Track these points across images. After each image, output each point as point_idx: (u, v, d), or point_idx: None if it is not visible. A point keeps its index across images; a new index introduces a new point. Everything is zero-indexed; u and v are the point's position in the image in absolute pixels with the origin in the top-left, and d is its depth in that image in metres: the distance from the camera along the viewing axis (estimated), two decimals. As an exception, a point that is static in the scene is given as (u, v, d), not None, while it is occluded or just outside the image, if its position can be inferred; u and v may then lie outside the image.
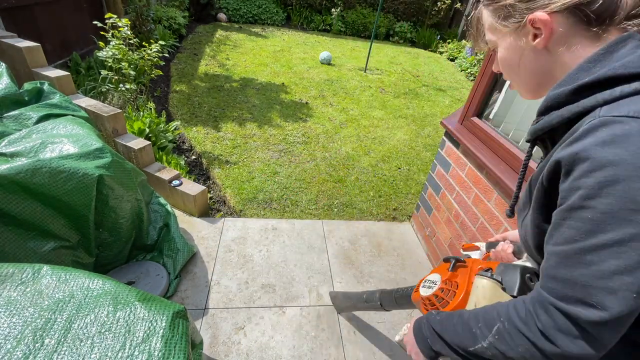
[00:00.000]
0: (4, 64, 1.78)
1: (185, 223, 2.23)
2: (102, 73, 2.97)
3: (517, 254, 0.92)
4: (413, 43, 8.50)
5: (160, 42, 3.14)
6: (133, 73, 2.94)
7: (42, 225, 1.39)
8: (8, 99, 1.67)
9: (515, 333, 0.55)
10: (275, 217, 2.46)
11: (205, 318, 1.70)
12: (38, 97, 1.80)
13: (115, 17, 2.79)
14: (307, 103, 4.32)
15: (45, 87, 1.83)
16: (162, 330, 0.92)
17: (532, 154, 0.71)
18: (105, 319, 0.91)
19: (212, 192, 2.60)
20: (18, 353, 0.81)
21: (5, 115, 1.61)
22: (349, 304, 1.65)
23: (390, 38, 8.49)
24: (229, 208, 2.48)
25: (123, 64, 2.83)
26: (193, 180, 2.48)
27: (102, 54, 2.81)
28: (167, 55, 4.42)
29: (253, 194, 2.63)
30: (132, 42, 2.94)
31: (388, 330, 1.78)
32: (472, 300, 0.74)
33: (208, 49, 5.58)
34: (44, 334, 0.85)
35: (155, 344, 0.89)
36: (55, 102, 1.79)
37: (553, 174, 0.54)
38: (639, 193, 0.43)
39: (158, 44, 3.04)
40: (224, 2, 7.57)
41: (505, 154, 1.58)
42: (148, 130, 2.73)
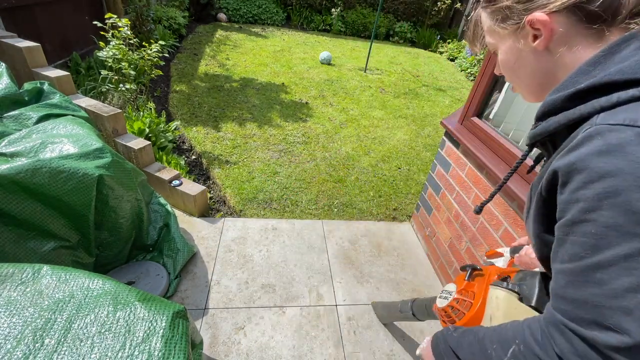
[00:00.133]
0: (4, 64, 1.78)
1: (185, 223, 2.23)
2: (102, 73, 2.97)
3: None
4: (413, 43, 8.50)
5: (160, 42, 3.14)
6: (133, 73, 2.94)
7: (42, 225, 1.39)
8: (8, 99, 1.67)
9: (532, 357, 0.51)
10: (275, 217, 2.46)
11: (205, 318, 1.70)
12: (38, 97, 1.80)
13: (115, 17, 2.79)
14: (307, 103, 4.32)
15: (45, 87, 1.83)
16: (162, 330, 0.92)
17: (526, 157, 0.71)
18: (105, 319, 0.91)
19: (212, 192, 2.60)
20: (18, 353, 0.81)
21: (5, 115, 1.61)
22: (388, 314, 1.67)
23: (390, 38, 8.49)
24: (229, 208, 2.48)
25: (123, 64, 2.83)
26: (193, 180, 2.48)
27: (102, 54, 2.81)
28: (167, 55, 4.42)
29: (253, 194, 2.63)
30: (132, 42, 2.94)
31: (388, 330, 1.78)
32: (487, 313, 0.70)
33: (208, 49, 5.58)
34: (44, 334, 0.85)
35: (155, 344, 0.89)
36: (55, 102, 1.79)
37: (551, 184, 0.52)
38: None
39: (158, 44, 3.04)
40: (224, 2, 7.57)
41: (505, 154, 1.58)
42: (148, 130, 2.73)
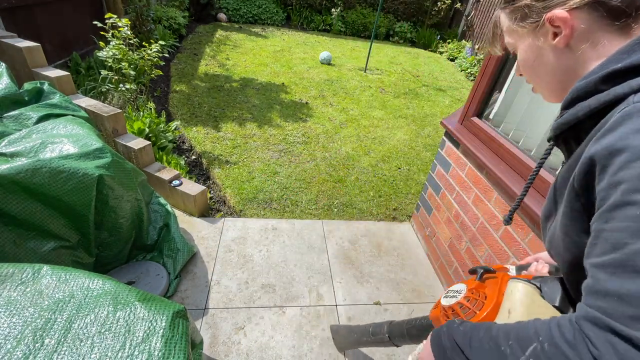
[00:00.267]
0: (4, 64, 1.78)
1: (185, 223, 2.23)
2: (102, 73, 2.97)
3: (553, 275, 0.79)
4: (413, 43, 8.50)
5: (160, 42, 3.13)
6: (133, 73, 2.94)
7: (42, 225, 1.39)
8: (8, 99, 1.67)
9: (558, 357, 0.43)
10: (275, 217, 2.46)
11: (205, 318, 1.70)
12: (38, 97, 1.80)
13: (115, 17, 2.79)
14: (307, 103, 4.32)
15: (45, 87, 1.83)
16: (162, 330, 0.92)
17: (550, 153, 0.64)
18: (105, 319, 0.91)
19: (212, 192, 2.60)
20: (18, 353, 0.81)
21: (5, 115, 1.61)
22: (352, 339, 1.47)
23: (390, 38, 8.49)
24: (229, 208, 2.48)
25: (123, 64, 2.83)
26: (193, 180, 2.49)
27: (102, 54, 2.81)
28: (167, 55, 4.42)
29: (253, 194, 2.63)
30: (132, 42, 2.94)
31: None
32: (505, 307, 0.64)
33: (208, 49, 5.58)
34: (44, 334, 0.85)
35: (155, 344, 0.89)
36: (55, 102, 1.79)
37: (586, 174, 0.47)
38: None
39: (158, 44, 3.04)
40: (224, 2, 7.57)
41: (505, 154, 1.58)
42: (148, 130, 2.73)
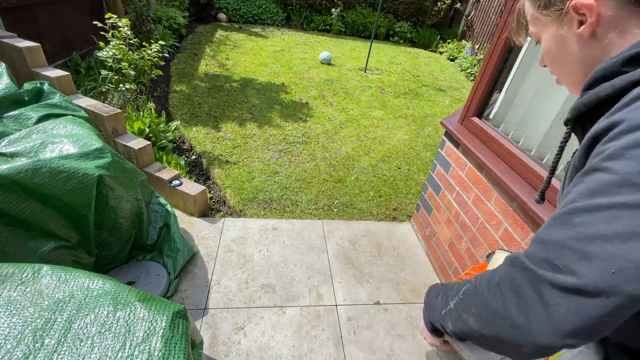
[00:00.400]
0: (4, 64, 1.78)
1: (185, 223, 2.23)
2: (102, 73, 2.97)
3: None
4: (413, 43, 8.50)
5: (160, 42, 3.13)
6: (133, 73, 2.94)
7: (42, 225, 1.39)
8: (8, 99, 1.67)
9: (475, 292, 0.51)
10: (275, 217, 2.46)
11: (205, 318, 1.70)
12: (38, 97, 1.80)
13: (115, 17, 2.79)
14: (307, 103, 4.32)
15: (45, 87, 1.83)
16: (162, 330, 0.92)
17: (569, 137, 0.62)
18: (105, 319, 0.91)
19: (212, 192, 2.60)
20: (18, 353, 0.81)
21: (5, 115, 1.61)
22: None
23: (390, 38, 8.49)
24: (229, 208, 2.48)
25: (123, 64, 2.83)
26: (193, 180, 2.48)
27: (102, 54, 2.81)
28: (167, 55, 4.42)
29: (253, 194, 2.63)
30: (132, 42, 2.94)
31: (388, 330, 1.78)
32: None
33: (208, 49, 5.58)
34: (44, 334, 0.85)
35: (155, 344, 0.89)
36: (55, 102, 1.79)
37: (586, 150, 0.47)
38: None
39: (158, 44, 3.04)
40: (224, 2, 7.57)
41: (505, 154, 1.58)
42: (148, 130, 2.73)
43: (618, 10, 0.48)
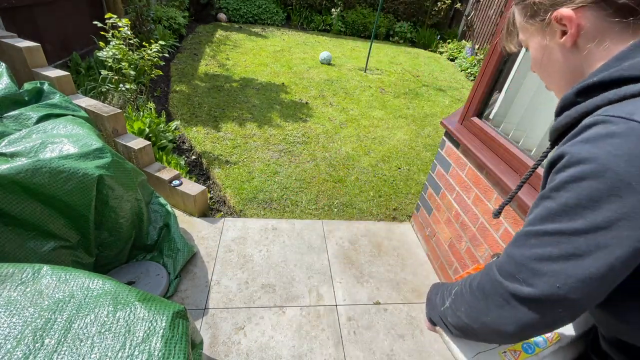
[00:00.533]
0: (4, 64, 1.78)
1: (185, 223, 2.23)
2: (102, 73, 2.97)
3: None
4: (413, 43, 8.50)
5: (160, 42, 3.13)
6: (133, 73, 2.94)
7: (42, 225, 1.39)
8: (8, 99, 1.67)
9: (462, 295, 0.61)
10: (275, 217, 2.46)
11: (205, 318, 1.70)
12: (38, 97, 1.80)
13: (115, 17, 2.79)
14: (307, 103, 4.32)
15: (45, 87, 1.83)
16: (162, 330, 0.92)
17: (547, 154, 0.68)
18: (105, 319, 0.91)
19: (212, 192, 2.60)
20: (18, 353, 0.81)
21: (5, 115, 1.61)
22: None
23: (390, 38, 8.49)
24: (229, 208, 2.48)
25: (123, 64, 2.83)
26: (193, 180, 2.48)
27: (102, 54, 2.81)
28: (167, 55, 4.42)
29: (253, 194, 2.63)
30: (132, 42, 2.94)
31: (388, 330, 1.78)
32: None
33: (208, 49, 5.58)
34: (44, 334, 0.85)
35: (155, 344, 0.89)
36: (55, 102, 1.79)
37: (548, 169, 0.54)
38: (599, 193, 0.43)
39: (158, 44, 3.04)
40: (224, 2, 7.57)
41: (505, 154, 1.58)
42: (148, 130, 2.73)
43: (598, 23, 0.50)
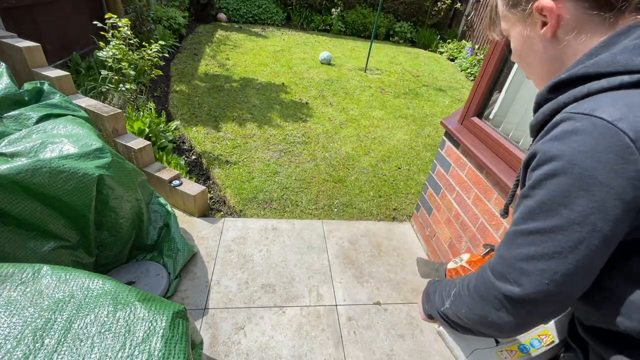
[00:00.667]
0: (4, 64, 1.78)
1: (185, 223, 2.23)
2: (102, 73, 2.96)
3: None
4: (413, 43, 8.50)
5: (160, 42, 3.13)
6: (133, 73, 2.94)
7: (42, 225, 1.39)
8: (8, 99, 1.66)
9: (460, 296, 0.63)
10: (275, 217, 2.46)
11: (205, 318, 1.70)
12: (38, 97, 1.80)
13: (115, 17, 2.79)
14: (307, 103, 4.32)
15: (45, 87, 1.83)
16: (162, 330, 0.92)
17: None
18: (105, 319, 0.91)
19: (212, 192, 2.60)
20: (18, 353, 0.81)
21: (5, 115, 1.61)
22: (428, 271, 1.72)
23: (390, 38, 8.49)
24: (229, 208, 2.48)
25: (123, 64, 2.83)
26: (193, 180, 2.48)
27: (102, 54, 2.81)
28: (167, 55, 4.42)
29: (253, 194, 2.63)
30: (132, 42, 2.94)
31: (388, 330, 1.78)
32: None
33: (208, 49, 5.58)
34: (44, 334, 0.85)
35: (155, 344, 0.89)
36: (55, 102, 1.79)
37: (524, 167, 0.57)
38: (570, 188, 0.45)
39: (158, 44, 3.03)
40: (224, 2, 7.57)
41: (505, 154, 1.58)
42: (148, 130, 2.73)
43: (577, 15, 0.51)
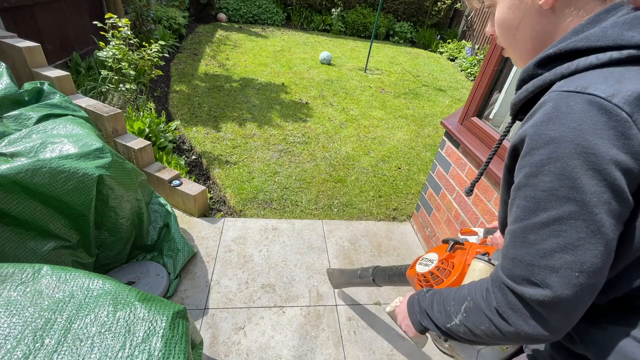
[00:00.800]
0: (4, 64, 1.78)
1: (185, 223, 2.23)
2: (102, 73, 2.96)
3: None
4: (413, 43, 8.50)
5: (160, 42, 3.13)
6: (133, 73, 2.94)
7: (42, 225, 1.39)
8: (8, 99, 1.66)
9: (478, 311, 0.56)
10: (275, 217, 2.45)
11: (205, 318, 1.70)
12: (38, 97, 1.80)
13: (115, 17, 2.79)
14: (307, 103, 4.32)
15: (45, 87, 1.83)
16: (162, 330, 0.92)
17: (509, 131, 0.70)
18: (105, 319, 0.91)
19: (212, 192, 2.60)
20: (18, 353, 0.81)
21: (5, 115, 1.61)
22: (344, 280, 1.69)
23: (390, 38, 8.49)
24: (229, 208, 2.48)
25: (123, 64, 2.83)
26: (193, 180, 2.48)
27: (102, 54, 2.81)
28: (167, 55, 4.42)
29: (253, 194, 2.63)
30: (132, 42, 2.94)
31: (387, 330, 1.78)
32: (468, 281, 0.77)
33: (208, 49, 5.58)
34: (44, 334, 0.85)
35: (155, 344, 0.89)
36: (56, 102, 1.79)
37: (512, 152, 0.54)
38: (577, 170, 0.42)
39: (158, 44, 3.04)
40: (224, 2, 7.57)
41: (505, 154, 1.58)
42: (148, 130, 2.73)
43: None
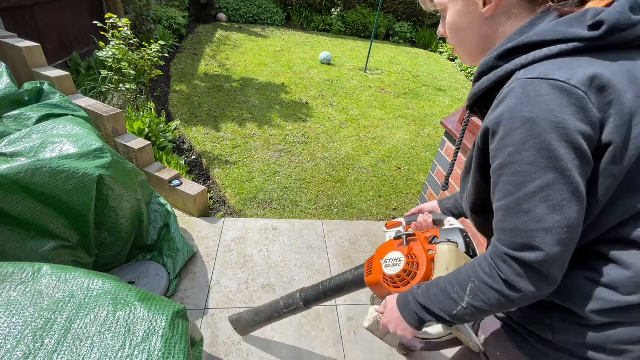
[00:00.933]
0: (4, 64, 1.78)
1: (185, 223, 2.23)
2: (102, 73, 2.97)
3: (437, 223, 1.02)
4: (413, 43, 8.50)
5: (160, 42, 3.13)
6: (133, 73, 2.94)
7: (42, 225, 1.39)
8: (8, 99, 1.66)
9: (485, 288, 0.60)
10: (275, 217, 2.45)
11: (205, 318, 1.70)
12: (38, 97, 1.80)
13: (115, 17, 2.79)
14: (307, 103, 4.32)
15: (45, 87, 1.83)
16: (162, 330, 0.92)
17: (468, 122, 0.76)
18: (105, 319, 0.91)
19: (212, 192, 2.60)
20: (18, 353, 0.81)
21: (5, 115, 1.61)
22: (261, 319, 1.43)
23: (390, 38, 8.49)
24: (229, 208, 2.48)
25: (123, 64, 2.83)
26: (193, 180, 2.48)
27: (102, 54, 2.81)
28: (167, 55, 4.42)
29: (253, 194, 2.63)
30: (132, 42, 2.94)
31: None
32: (442, 266, 0.79)
33: (208, 49, 5.58)
34: (44, 334, 0.85)
35: (155, 344, 0.89)
36: (56, 102, 1.79)
37: (485, 137, 0.60)
38: (554, 143, 0.50)
39: (158, 44, 3.04)
40: (224, 2, 7.57)
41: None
42: (148, 130, 2.73)
43: (513, 0, 0.58)
